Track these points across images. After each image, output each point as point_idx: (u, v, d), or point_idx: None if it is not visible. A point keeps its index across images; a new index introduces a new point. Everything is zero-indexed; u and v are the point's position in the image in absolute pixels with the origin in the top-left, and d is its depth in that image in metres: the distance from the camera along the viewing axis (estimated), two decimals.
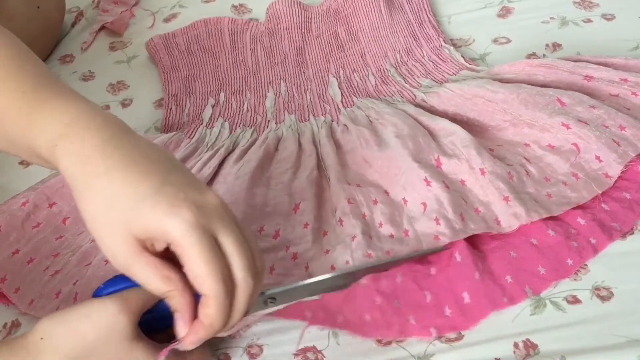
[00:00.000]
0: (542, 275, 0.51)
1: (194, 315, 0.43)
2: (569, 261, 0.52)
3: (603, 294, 0.51)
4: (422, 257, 0.53)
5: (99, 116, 0.44)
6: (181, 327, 0.43)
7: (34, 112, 0.45)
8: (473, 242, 0.54)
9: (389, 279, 0.50)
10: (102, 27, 0.90)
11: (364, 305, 0.49)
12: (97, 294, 0.46)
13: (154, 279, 0.41)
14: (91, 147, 0.43)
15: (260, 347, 0.52)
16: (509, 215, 0.55)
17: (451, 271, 0.52)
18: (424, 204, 0.57)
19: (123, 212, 0.41)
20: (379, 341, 0.50)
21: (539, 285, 0.51)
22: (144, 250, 0.42)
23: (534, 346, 0.48)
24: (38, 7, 0.83)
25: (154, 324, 0.46)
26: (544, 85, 0.65)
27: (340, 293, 0.49)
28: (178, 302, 0.42)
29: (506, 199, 0.56)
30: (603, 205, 0.55)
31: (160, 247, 0.42)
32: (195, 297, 0.43)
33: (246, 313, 0.44)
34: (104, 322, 0.43)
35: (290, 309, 0.47)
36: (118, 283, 0.46)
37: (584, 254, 0.52)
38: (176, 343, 0.43)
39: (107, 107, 0.78)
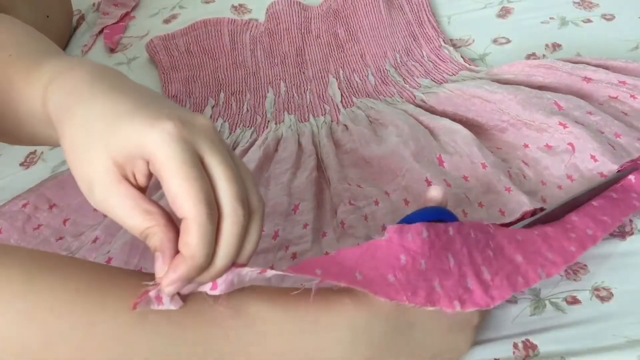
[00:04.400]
0: (551, 259, 0.48)
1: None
2: (572, 248, 0.49)
3: (603, 295, 0.51)
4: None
5: (92, 62, 0.42)
6: (160, 266, 0.36)
7: (32, 72, 0.44)
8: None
9: (415, 233, 0.44)
10: (102, 30, 0.90)
11: (387, 263, 0.42)
12: (406, 220, 0.44)
13: (132, 212, 0.36)
14: (79, 79, 0.40)
15: None
16: (513, 204, 0.55)
17: (468, 240, 0.46)
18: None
19: (101, 134, 0.37)
20: None
21: (550, 269, 0.47)
22: (124, 179, 0.37)
23: (534, 347, 0.48)
24: (47, 16, 0.84)
25: None
26: (542, 87, 0.65)
27: (357, 248, 0.41)
28: (159, 239, 0.36)
29: (508, 189, 0.56)
30: (593, 202, 0.54)
31: (142, 177, 0.37)
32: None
33: (240, 264, 0.38)
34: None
35: (297, 266, 0.39)
36: (427, 215, 0.44)
37: (584, 242, 0.50)
38: (153, 287, 0.37)
39: None
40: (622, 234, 0.54)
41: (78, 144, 0.38)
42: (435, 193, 0.47)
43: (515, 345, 0.48)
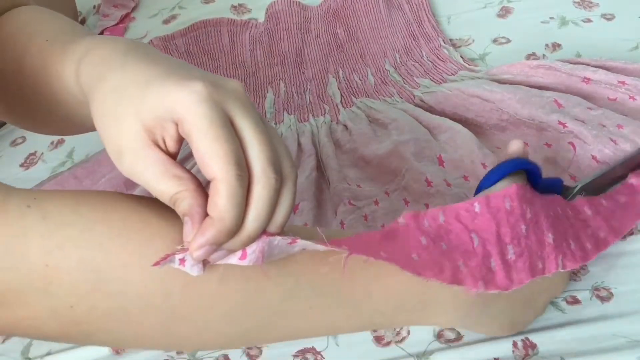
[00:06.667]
0: (572, 249, 0.47)
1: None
2: (588, 245, 0.48)
3: (603, 295, 0.51)
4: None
5: (123, 38, 0.43)
6: (188, 230, 0.35)
7: (66, 51, 0.44)
8: None
9: (431, 219, 0.44)
10: (102, 32, 0.90)
11: (409, 244, 0.42)
12: (491, 173, 0.46)
13: (162, 177, 0.35)
14: (111, 50, 0.40)
15: (260, 349, 0.52)
16: None
17: (498, 215, 0.45)
18: (427, 205, 0.57)
19: (131, 99, 0.36)
20: (378, 341, 0.50)
21: (570, 261, 0.46)
22: (154, 144, 0.36)
23: (533, 346, 0.48)
24: None
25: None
26: (541, 87, 0.65)
27: (378, 231, 0.42)
28: (188, 204, 0.35)
29: None
30: (602, 201, 0.54)
31: (172, 142, 0.36)
32: None
33: (271, 233, 0.37)
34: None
35: (329, 241, 0.39)
36: (511, 166, 0.45)
37: (598, 244, 0.49)
38: (180, 250, 0.36)
39: None
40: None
41: (108, 109, 0.37)
42: (515, 147, 0.48)
43: (514, 344, 0.48)
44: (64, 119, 0.49)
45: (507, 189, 0.45)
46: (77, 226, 0.37)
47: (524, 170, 0.47)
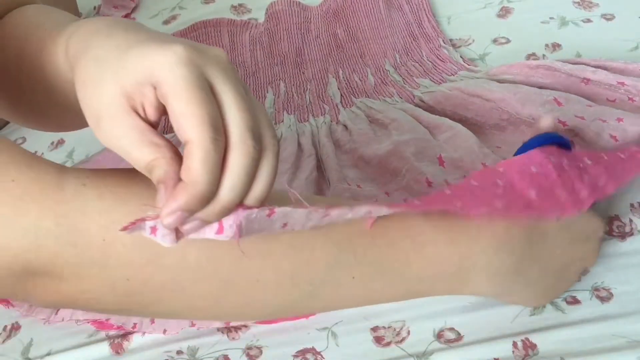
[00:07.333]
0: (562, 200, 0.46)
1: None
2: (584, 192, 0.46)
3: (602, 295, 0.51)
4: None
5: (115, 17, 0.43)
6: (162, 197, 0.33)
7: (59, 34, 0.44)
8: None
9: (500, 177, 0.44)
10: None
11: (484, 195, 0.42)
12: (524, 146, 0.47)
13: (138, 144, 0.34)
14: (98, 24, 0.40)
15: (260, 349, 0.52)
16: None
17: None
18: None
19: (112, 65, 0.35)
20: (378, 341, 0.50)
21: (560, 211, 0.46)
22: (132, 111, 0.35)
23: (533, 346, 0.48)
24: None
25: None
26: (541, 87, 0.65)
27: (437, 194, 0.41)
28: (163, 171, 0.34)
29: None
30: (603, 155, 0.52)
31: (151, 109, 0.35)
32: None
33: (249, 206, 0.35)
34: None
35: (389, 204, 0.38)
36: (542, 139, 0.47)
37: (595, 192, 0.47)
38: (152, 217, 0.34)
39: None
40: (622, 234, 0.54)
41: (89, 76, 0.37)
42: (546, 123, 0.50)
43: (514, 345, 0.48)
44: (61, 106, 0.49)
45: (529, 154, 0.46)
46: (131, 203, 0.38)
47: (556, 145, 0.48)
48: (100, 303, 0.42)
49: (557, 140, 0.48)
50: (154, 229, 0.34)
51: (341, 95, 0.73)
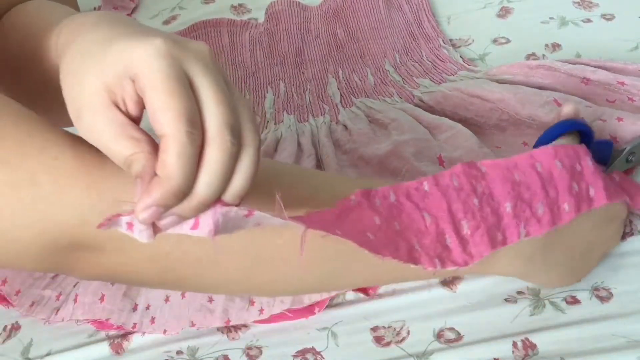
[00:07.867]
0: (539, 215, 0.46)
1: None
2: (566, 206, 0.47)
3: (602, 295, 0.51)
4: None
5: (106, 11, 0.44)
6: (138, 192, 0.33)
7: (53, 28, 0.44)
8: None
9: (382, 197, 0.43)
10: None
11: (362, 223, 0.41)
12: (546, 134, 0.49)
13: (117, 138, 0.34)
14: (87, 18, 0.40)
15: (260, 349, 0.52)
16: None
17: (447, 192, 0.45)
18: None
19: (94, 58, 0.35)
20: (378, 341, 0.50)
21: (534, 227, 0.46)
22: (113, 105, 0.35)
23: (533, 346, 0.48)
24: None
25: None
26: (541, 88, 0.65)
27: (333, 209, 0.40)
28: (141, 165, 0.34)
29: None
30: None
31: (132, 104, 0.35)
32: None
33: (227, 203, 0.35)
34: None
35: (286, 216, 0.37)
36: (564, 127, 0.48)
37: (580, 204, 0.47)
38: (128, 212, 0.34)
39: None
40: (622, 234, 0.54)
41: (73, 69, 0.37)
42: (568, 110, 0.51)
43: (514, 345, 0.48)
44: (58, 102, 0.49)
45: (453, 168, 0.45)
46: None
47: (578, 132, 0.50)
48: (141, 277, 0.44)
49: (578, 128, 0.49)
50: (130, 225, 0.34)
51: (341, 95, 0.73)
